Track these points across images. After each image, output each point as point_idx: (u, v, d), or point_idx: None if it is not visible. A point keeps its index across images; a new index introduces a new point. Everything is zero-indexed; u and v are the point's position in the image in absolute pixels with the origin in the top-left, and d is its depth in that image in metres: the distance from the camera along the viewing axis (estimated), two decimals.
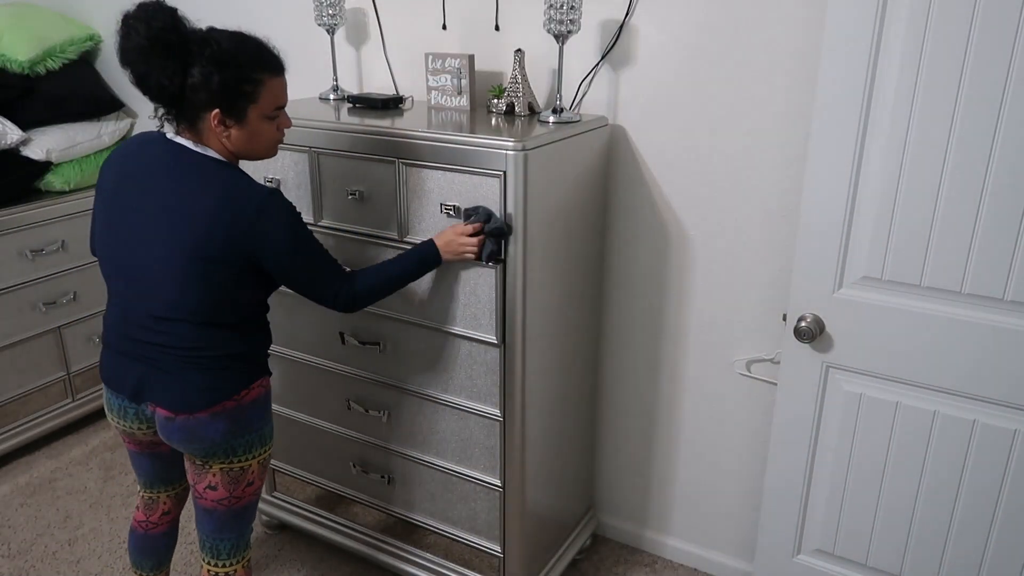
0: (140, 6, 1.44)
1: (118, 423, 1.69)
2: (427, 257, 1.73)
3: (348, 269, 1.70)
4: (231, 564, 1.74)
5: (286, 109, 1.61)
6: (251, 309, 1.63)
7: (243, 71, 1.47)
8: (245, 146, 1.55)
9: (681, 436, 2.25)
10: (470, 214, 1.74)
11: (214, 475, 1.64)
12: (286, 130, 1.63)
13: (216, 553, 1.73)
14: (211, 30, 1.49)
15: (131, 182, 1.55)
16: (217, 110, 1.47)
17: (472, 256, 1.73)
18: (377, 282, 1.68)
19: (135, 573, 1.93)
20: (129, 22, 1.43)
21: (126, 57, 1.45)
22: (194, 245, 1.48)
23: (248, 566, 1.78)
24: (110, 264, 1.60)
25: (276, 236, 1.51)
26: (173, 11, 1.45)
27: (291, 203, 1.55)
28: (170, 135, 1.55)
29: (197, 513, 1.71)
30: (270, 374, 1.70)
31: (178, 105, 1.49)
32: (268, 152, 1.61)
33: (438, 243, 1.74)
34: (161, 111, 1.54)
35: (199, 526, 1.73)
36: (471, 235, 1.72)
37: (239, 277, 1.53)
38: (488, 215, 1.72)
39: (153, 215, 1.51)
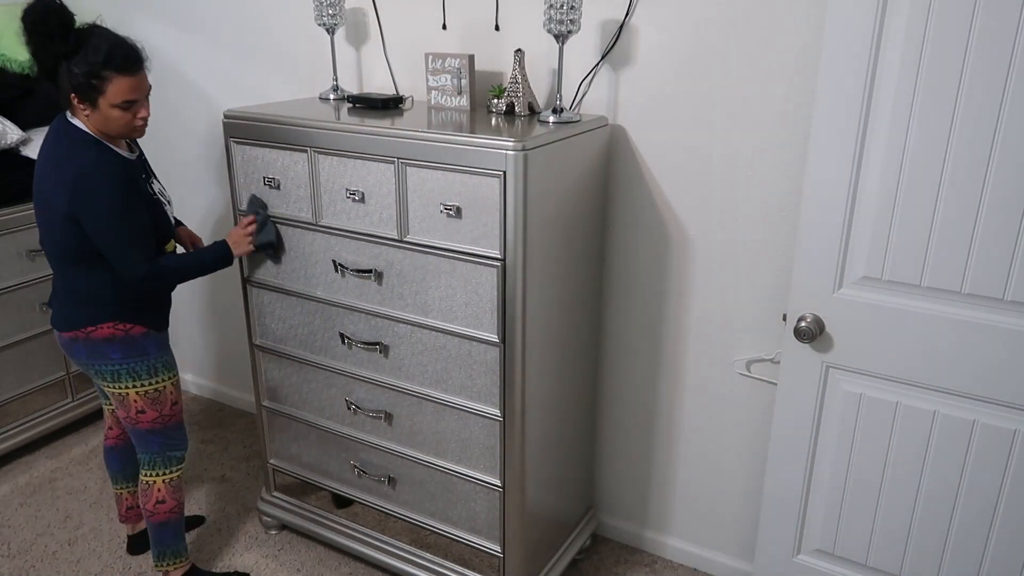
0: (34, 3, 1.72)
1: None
2: (220, 256, 2.03)
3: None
4: (149, 476, 2.09)
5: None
6: (103, 258, 1.88)
7: (92, 68, 1.73)
8: (100, 127, 1.82)
9: (681, 436, 2.25)
10: (251, 210, 2.06)
11: (114, 396, 2.00)
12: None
13: (139, 462, 2.11)
14: (93, 26, 1.77)
15: (40, 155, 1.89)
16: (74, 94, 1.77)
17: (253, 249, 2.07)
18: (172, 270, 1.95)
19: None
20: (27, 10, 1.73)
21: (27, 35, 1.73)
22: (53, 200, 1.81)
23: (170, 485, 2.10)
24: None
25: (93, 206, 1.78)
26: (61, 7, 1.72)
27: (116, 179, 1.80)
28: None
29: None
30: (134, 322, 1.94)
31: (55, 83, 1.79)
32: (123, 133, 1.85)
33: (229, 242, 2.05)
34: None
35: None
36: (251, 231, 2.06)
37: (81, 230, 1.81)
38: (256, 211, 2.05)
39: (41, 176, 1.85)
